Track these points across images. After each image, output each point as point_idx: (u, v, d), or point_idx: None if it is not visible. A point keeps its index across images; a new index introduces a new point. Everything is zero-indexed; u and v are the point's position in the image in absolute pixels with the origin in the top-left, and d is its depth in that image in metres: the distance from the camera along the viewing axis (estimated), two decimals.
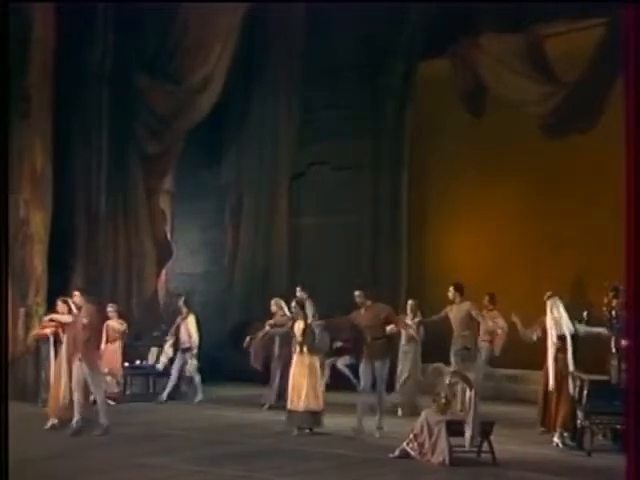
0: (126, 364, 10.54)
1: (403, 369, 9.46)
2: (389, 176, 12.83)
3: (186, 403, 10.22)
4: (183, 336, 10.31)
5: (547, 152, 11.57)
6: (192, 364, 10.23)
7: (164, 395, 10.22)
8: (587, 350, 7.81)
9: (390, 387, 9.34)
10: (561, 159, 11.51)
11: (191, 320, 10.36)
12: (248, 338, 9.16)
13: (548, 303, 7.83)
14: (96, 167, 11.43)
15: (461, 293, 9.07)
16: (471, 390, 6.84)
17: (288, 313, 8.79)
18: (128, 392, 10.36)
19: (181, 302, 10.46)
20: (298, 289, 9.62)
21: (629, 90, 4.26)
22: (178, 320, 10.37)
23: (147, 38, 11.49)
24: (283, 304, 8.68)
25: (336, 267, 12.32)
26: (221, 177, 13.37)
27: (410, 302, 9.67)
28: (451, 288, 9.11)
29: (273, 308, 8.82)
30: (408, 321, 9.35)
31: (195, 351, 10.21)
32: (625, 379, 6.19)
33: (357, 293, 7.97)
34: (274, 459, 7.07)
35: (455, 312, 9.07)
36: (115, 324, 9.97)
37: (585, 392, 7.39)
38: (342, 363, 10.44)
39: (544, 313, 7.94)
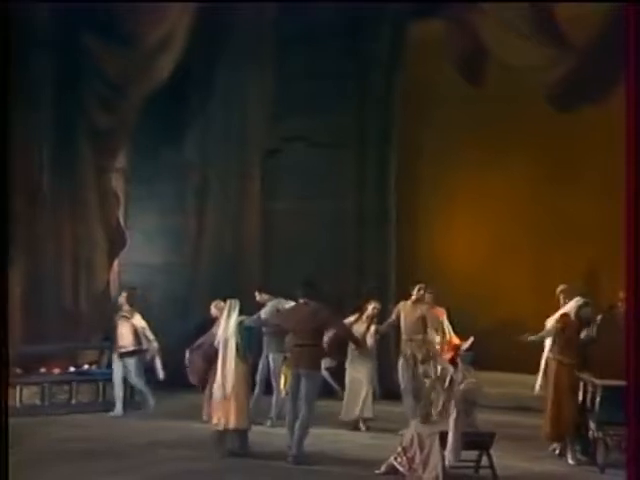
0: (72, 369, 10.40)
1: (353, 382, 9.17)
2: (376, 155, 12.72)
3: (143, 414, 10.07)
4: (124, 339, 9.97)
5: (558, 128, 11.50)
6: (159, 369, 9.95)
7: (118, 409, 9.98)
8: (600, 351, 7.74)
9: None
10: (574, 136, 11.46)
11: (138, 319, 10.05)
12: (188, 351, 9.05)
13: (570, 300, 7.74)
14: (37, 142, 11.18)
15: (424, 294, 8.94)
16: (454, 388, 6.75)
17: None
18: (74, 401, 10.19)
19: (122, 298, 10.14)
20: (256, 294, 9.47)
21: (629, 90, 4.31)
22: (117, 319, 10.04)
23: None
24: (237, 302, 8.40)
25: (316, 259, 12.19)
26: (183, 155, 13.15)
27: (373, 305, 9.25)
28: (420, 286, 8.92)
29: (213, 312, 8.65)
30: (360, 327, 9.07)
31: (156, 351, 9.94)
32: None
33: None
34: (248, 476, 7.04)
35: (408, 311, 8.90)
36: None
37: (598, 399, 7.32)
38: (322, 366, 10.29)
39: (552, 307, 7.88)
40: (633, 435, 4.18)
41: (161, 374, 10.04)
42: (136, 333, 10.00)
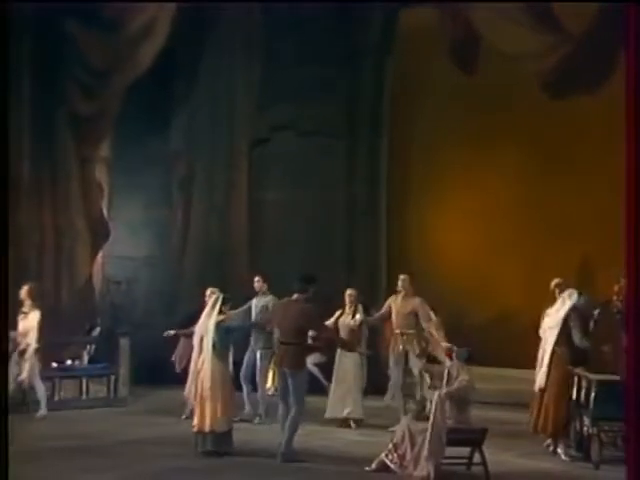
0: (54, 364, 10.37)
1: (340, 380, 9.19)
2: (366, 146, 12.73)
3: (127, 411, 10.08)
4: (21, 335, 9.32)
5: (551, 120, 11.55)
6: (34, 368, 9.31)
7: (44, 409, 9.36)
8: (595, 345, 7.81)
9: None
10: (567, 129, 11.51)
11: (33, 316, 9.37)
12: (172, 332, 8.91)
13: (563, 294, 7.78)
14: (16, 130, 11.10)
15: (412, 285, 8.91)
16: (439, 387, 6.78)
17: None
18: (57, 398, 10.17)
19: (23, 292, 9.39)
20: (256, 279, 9.47)
21: (629, 91, 4.40)
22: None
23: None
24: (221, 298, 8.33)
25: (305, 251, 12.21)
26: (169, 144, 13.12)
27: (349, 292, 9.20)
28: (404, 277, 8.87)
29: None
30: (346, 319, 9.06)
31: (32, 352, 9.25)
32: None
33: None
34: (238, 474, 7.08)
35: (399, 306, 8.89)
36: None
37: (592, 394, 7.38)
38: (311, 362, 10.32)
39: (546, 301, 7.93)
40: (633, 434, 4.23)
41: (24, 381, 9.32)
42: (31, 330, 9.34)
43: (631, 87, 4.46)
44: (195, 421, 7.69)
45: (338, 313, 9.25)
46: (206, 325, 7.82)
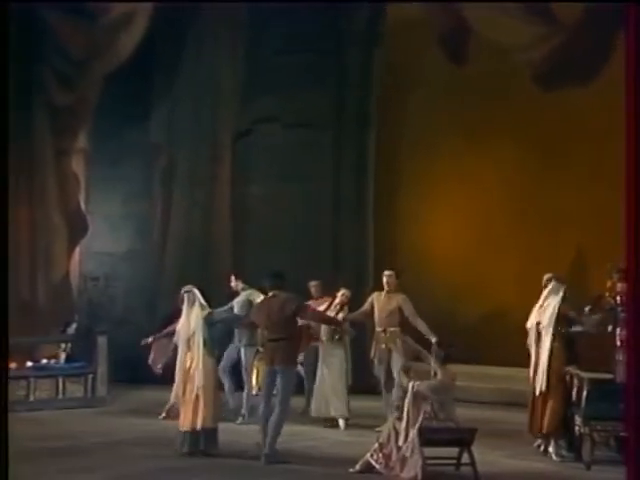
0: (29, 363, 10.35)
1: (325, 377, 9.18)
2: (353, 138, 12.75)
3: (106, 411, 10.07)
4: None
5: (544, 113, 11.58)
6: None
7: None
8: (587, 343, 7.85)
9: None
10: (561, 121, 11.53)
11: None
12: (151, 338, 8.94)
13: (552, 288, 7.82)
14: None
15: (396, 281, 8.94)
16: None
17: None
18: (32, 398, 10.15)
19: None
20: (232, 278, 9.48)
21: (629, 90, 4.41)
22: None
23: None
24: (197, 292, 8.32)
25: (290, 246, 12.20)
26: (149, 136, 13.08)
27: (343, 291, 9.25)
28: (389, 273, 8.89)
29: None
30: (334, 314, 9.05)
31: None
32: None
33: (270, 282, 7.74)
34: (222, 475, 7.10)
35: (383, 302, 8.90)
36: None
37: (584, 393, 7.40)
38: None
39: (538, 297, 7.96)
40: (633, 434, 4.24)
41: None
42: None
43: (631, 87, 4.48)
44: (185, 420, 7.66)
45: (324, 307, 9.26)
46: (190, 324, 7.83)
